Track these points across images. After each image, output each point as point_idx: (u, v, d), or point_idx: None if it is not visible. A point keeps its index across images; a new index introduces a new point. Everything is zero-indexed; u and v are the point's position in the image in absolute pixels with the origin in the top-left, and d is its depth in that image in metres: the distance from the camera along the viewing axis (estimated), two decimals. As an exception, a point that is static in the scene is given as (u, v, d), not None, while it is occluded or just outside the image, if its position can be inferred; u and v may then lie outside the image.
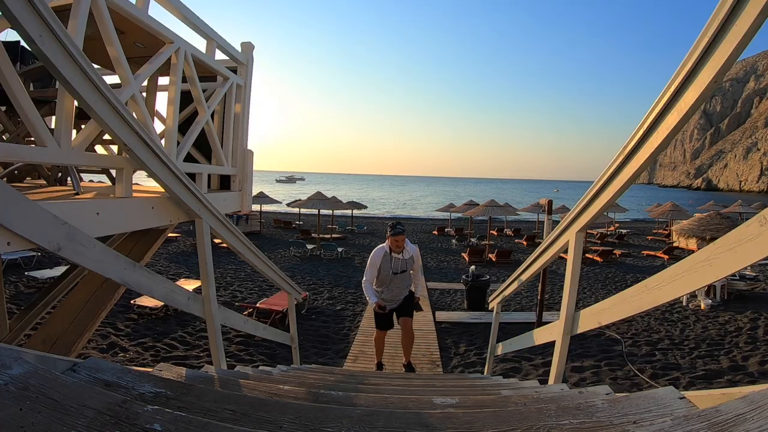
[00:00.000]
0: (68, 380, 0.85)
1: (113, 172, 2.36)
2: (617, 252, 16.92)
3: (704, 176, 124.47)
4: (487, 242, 17.49)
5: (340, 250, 15.86)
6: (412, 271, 4.33)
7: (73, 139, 1.71)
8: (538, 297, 6.80)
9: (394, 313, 4.36)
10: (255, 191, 18.72)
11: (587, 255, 15.34)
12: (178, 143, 2.54)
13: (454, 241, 20.74)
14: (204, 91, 2.77)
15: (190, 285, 8.32)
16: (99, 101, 1.51)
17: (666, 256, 16.03)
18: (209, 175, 3.33)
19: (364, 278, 4.15)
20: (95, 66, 1.83)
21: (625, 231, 24.47)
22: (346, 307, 9.21)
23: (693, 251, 3.08)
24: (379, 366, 4.72)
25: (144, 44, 2.59)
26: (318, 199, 17.60)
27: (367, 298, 4.14)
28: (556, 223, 2.84)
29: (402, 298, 4.32)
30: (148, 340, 6.46)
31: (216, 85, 3.05)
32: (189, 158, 2.99)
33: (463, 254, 16.50)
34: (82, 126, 2.04)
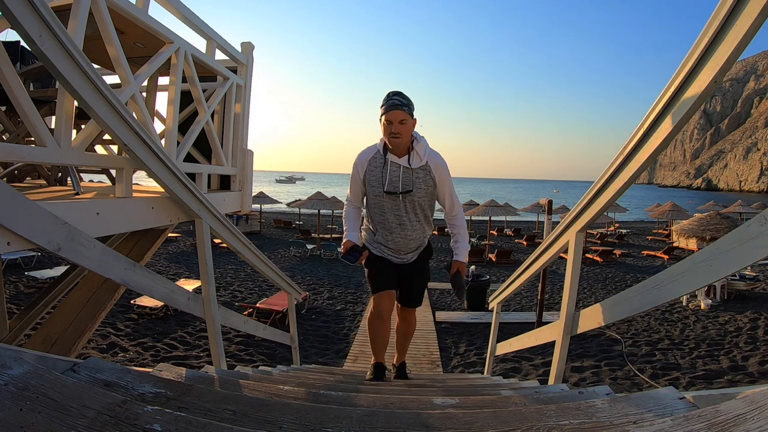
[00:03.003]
0: (68, 380, 0.85)
1: (113, 172, 2.36)
2: (617, 252, 16.92)
3: (704, 176, 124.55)
4: (487, 242, 17.51)
5: (340, 250, 15.84)
6: (444, 200, 2.37)
7: (73, 139, 1.72)
8: (538, 297, 6.81)
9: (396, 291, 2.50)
10: (255, 191, 18.72)
11: (587, 255, 15.34)
12: (178, 143, 2.54)
13: (454, 241, 20.70)
14: (204, 91, 2.77)
15: (190, 285, 8.33)
16: (99, 101, 1.51)
17: (666, 256, 16.04)
18: (209, 175, 3.33)
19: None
20: (95, 66, 1.83)
21: (625, 231, 24.47)
22: (346, 307, 9.22)
23: (693, 251, 3.08)
24: (378, 370, 2.58)
25: (144, 44, 2.59)
26: (318, 199, 17.63)
27: (344, 233, 2.34)
28: (556, 223, 2.83)
29: (410, 252, 2.41)
30: (148, 340, 6.47)
31: (216, 85, 3.05)
32: (189, 158, 2.99)
33: (463, 254, 16.48)
34: (82, 126, 2.04)
